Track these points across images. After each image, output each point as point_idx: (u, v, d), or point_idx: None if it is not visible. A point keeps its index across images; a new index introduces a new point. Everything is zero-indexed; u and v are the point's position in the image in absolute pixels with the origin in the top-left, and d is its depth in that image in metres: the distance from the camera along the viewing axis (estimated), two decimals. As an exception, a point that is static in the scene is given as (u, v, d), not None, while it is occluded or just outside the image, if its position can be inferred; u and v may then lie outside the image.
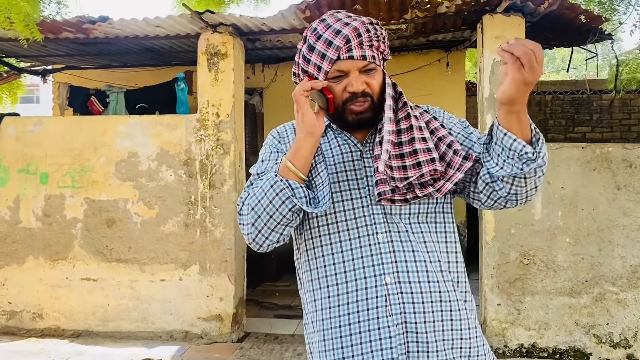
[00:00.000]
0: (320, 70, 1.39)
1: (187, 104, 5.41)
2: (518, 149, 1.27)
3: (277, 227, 1.36)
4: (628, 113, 7.78)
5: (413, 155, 1.36)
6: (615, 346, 4.30)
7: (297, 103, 1.35)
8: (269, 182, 1.35)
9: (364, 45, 1.38)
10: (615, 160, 4.31)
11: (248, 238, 1.40)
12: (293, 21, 4.70)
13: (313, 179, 1.41)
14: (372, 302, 1.36)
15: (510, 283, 4.38)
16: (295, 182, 1.33)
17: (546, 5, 4.18)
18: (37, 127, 5.11)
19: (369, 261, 1.38)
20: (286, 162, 1.35)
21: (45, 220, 5.07)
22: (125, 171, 4.95)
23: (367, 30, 1.39)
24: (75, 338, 4.90)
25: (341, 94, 1.40)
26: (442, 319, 1.37)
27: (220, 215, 4.81)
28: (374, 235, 1.39)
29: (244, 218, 1.40)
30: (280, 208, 1.33)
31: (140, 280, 4.93)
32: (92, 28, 4.79)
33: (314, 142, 1.36)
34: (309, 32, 1.44)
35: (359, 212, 1.42)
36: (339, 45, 1.37)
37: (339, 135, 1.51)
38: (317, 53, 1.39)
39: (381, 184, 1.36)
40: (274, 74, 7.29)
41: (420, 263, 1.38)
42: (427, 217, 1.44)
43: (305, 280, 1.49)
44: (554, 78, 19.76)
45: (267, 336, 4.92)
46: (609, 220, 4.30)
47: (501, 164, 1.32)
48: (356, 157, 1.46)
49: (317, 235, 1.44)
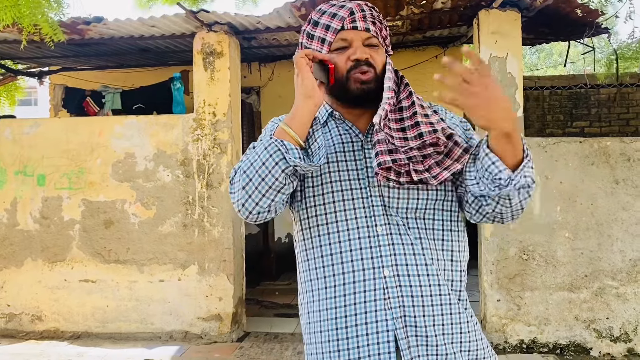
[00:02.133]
0: (324, 43, 1.41)
1: (184, 104, 5.39)
2: (493, 172, 1.27)
3: (269, 192, 1.31)
4: (626, 107, 7.76)
5: (415, 128, 1.33)
6: (616, 340, 4.29)
7: (298, 66, 1.34)
8: (263, 145, 1.32)
9: (367, 19, 1.40)
10: (613, 154, 4.30)
11: (237, 205, 1.35)
12: (288, 19, 4.69)
13: (310, 146, 1.37)
14: (370, 294, 1.34)
15: (510, 279, 4.37)
16: (290, 143, 1.29)
17: (542, 0, 4.17)
18: (33, 129, 5.09)
19: (367, 253, 1.36)
20: (283, 126, 1.32)
21: (42, 222, 5.05)
22: (122, 172, 4.94)
23: (370, 9, 1.42)
24: (74, 340, 4.89)
25: (344, 64, 1.39)
26: (442, 313, 1.35)
27: (218, 215, 4.80)
28: (373, 227, 1.37)
29: (235, 185, 1.36)
30: (273, 170, 1.28)
31: (139, 281, 4.92)
32: (86, 29, 4.77)
33: (312, 107, 1.33)
34: (312, 13, 1.46)
35: (358, 203, 1.39)
36: (343, 16, 1.39)
37: (340, 125, 1.48)
38: (321, 26, 1.42)
39: (381, 155, 1.33)
40: (270, 72, 7.27)
41: (419, 256, 1.36)
42: (425, 213, 1.41)
43: (303, 270, 1.47)
44: (552, 73, 19.74)
45: (267, 335, 4.91)
46: (607, 215, 4.29)
47: (478, 179, 1.32)
48: (357, 147, 1.44)
49: (315, 224, 1.42)
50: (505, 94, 1.24)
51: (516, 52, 4.39)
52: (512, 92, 4.36)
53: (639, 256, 4.26)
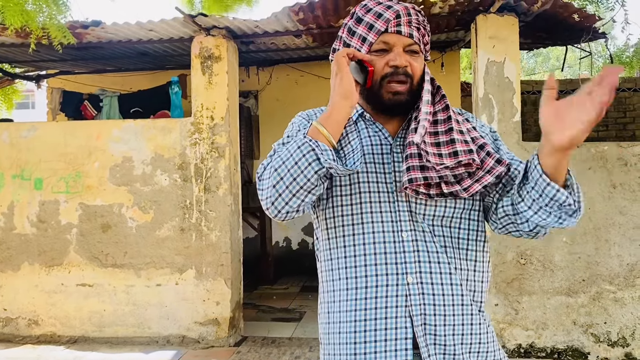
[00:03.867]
0: (365, 42, 1.38)
1: (182, 108, 5.39)
2: (561, 200, 1.20)
3: (300, 192, 1.27)
4: (623, 111, 7.78)
5: (450, 145, 1.31)
6: (613, 345, 4.29)
7: (338, 65, 1.30)
8: (296, 144, 1.27)
9: (412, 24, 1.37)
10: (610, 159, 4.30)
11: (266, 202, 1.31)
12: (286, 23, 4.69)
13: (342, 148, 1.35)
14: (392, 300, 1.33)
15: (508, 283, 4.37)
16: (325, 144, 1.26)
17: (539, 5, 4.18)
18: (31, 132, 5.08)
19: (392, 258, 1.34)
20: (317, 125, 1.29)
21: (40, 226, 5.04)
22: (119, 176, 4.93)
23: (416, 13, 1.39)
24: (71, 344, 4.87)
25: (382, 69, 1.36)
26: (463, 323, 1.34)
27: (215, 219, 4.79)
28: (399, 232, 1.36)
29: (264, 182, 1.32)
30: (306, 170, 1.24)
31: (136, 285, 4.90)
32: (85, 33, 4.77)
33: (348, 109, 1.30)
34: (357, 7, 1.42)
35: (384, 207, 1.37)
36: (389, 18, 1.35)
37: (370, 126, 1.45)
38: (365, 24, 1.38)
39: (413, 170, 1.31)
40: (268, 76, 7.28)
41: (443, 265, 1.35)
42: (452, 221, 1.39)
43: (325, 269, 1.45)
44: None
45: (264, 340, 4.90)
46: (605, 219, 4.29)
47: (535, 209, 1.27)
48: (386, 150, 1.41)
49: (341, 224, 1.40)
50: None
51: (514, 57, 4.40)
52: (509, 97, 4.37)
53: (636, 260, 4.27)
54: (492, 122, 4.37)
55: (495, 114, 4.37)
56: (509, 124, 4.36)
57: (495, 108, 4.37)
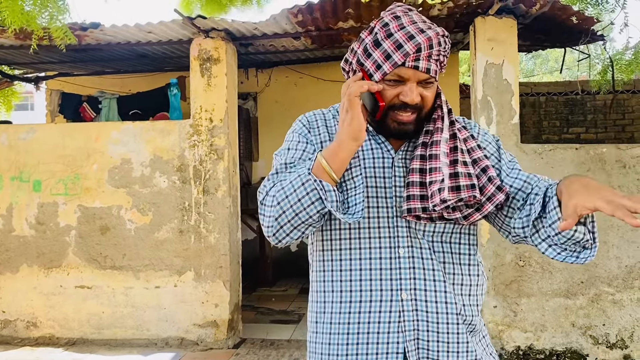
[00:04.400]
0: (379, 70, 1.31)
1: (180, 110, 5.39)
2: (579, 238, 1.19)
3: (301, 226, 1.30)
4: (622, 113, 7.80)
5: (453, 178, 1.30)
6: (612, 347, 4.29)
7: (350, 104, 1.26)
8: (300, 180, 1.27)
9: (432, 58, 1.31)
10: (609, 161, 4.31)
11: (268, 231, 1.33)
12: (285, 25, 4.70)
13: (345, 182, 1.35)
14: (385, 315, 1.34)
15: (506, 285, 4.37)
16: (329, 184, 1.26)
17: (538, 7, 4.18)
18: (29, 134, 5.08)
19: (387, 274, 1.35)
20: (322, 161, 1.28)
21: (38, 228, 5.04)
22: (118, 178, 4.93)
23: (439, 44, 1.31)
24: (70, 346, 4.87)
25: (391, 99, 1.33)
26: (458, 342, 1.34)
27: (214, 221, 4.79)
28: (396, 248, 1.36)
29: (266, 210, 1.32)
30: (308, 208, 1.26)
31: (135, 287, 4.90)
32: (83, 35, 4.77)
33: (355, 148, 1.28)
34: (378, 25, 1.35)
35: (383, 222, 1.37)
36: (409, 52, 1.28)
37: (372, 137, 1.44)
38: (382, 51, 1.31)
39: (413, 200, 1.31)
40: (267, 78, 7.28)
41: (439, 283, 1.35)
42: (451, 237, 1.40)
43: (317, 279, 1.45)
44: (548, 79, 19.82)
45: (263, 342, 4.90)
46: (603, 221, 4.29)
47: (550, 243, 1.25)
48: (387, 164, 1.41)
49: (337, 238, 1.40)
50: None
51: (512, 59, 4.40)
52: (508, 99, 4.37)
53: (634, 262, 4.27)
54: (491, 124, 4.37)
55: (494, 116, 4.38)
56: (507, 126, 4.37)
57: (494, 110, 4.38)
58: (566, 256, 1.24)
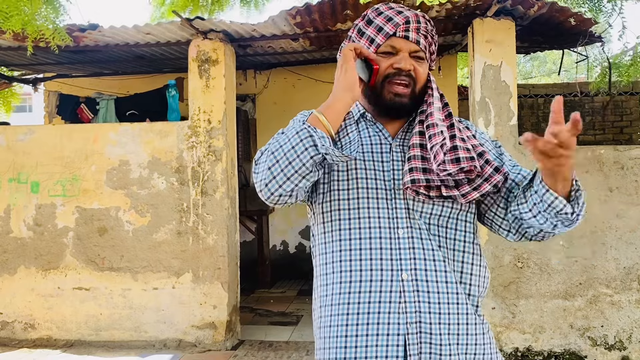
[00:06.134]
0: (373, 43, 1.41)
1: (179, 111, 5.38)
2: (558, 208, 1.26)
3: (294, 176, 1.28)
4: (620, 115, 7.81)
5: (453, 151, 1.33)
6: (610, 348, 4.29)
7: (344, 57, 1.35)
8: (294, 129, 1.29)
9: (420, 32, 1.41)
10: (607, 162, 4.31)
11: (260, 184, 1.33)
12: (284, 27, 4.70)
13: (340, 140, 1.39)
14: (386, 295, 1.33)
15: (505, 287, 4.37)
16: (323, 132, 1.28)
17: (536, 9, 4.19)
18: (27, 135, 5.08)
19: (387, 254, 1.35)
20: (317, 114, 1.32)
21: (36, 229, 5.03)
22: (116, 179, 4.92)
23: (425, 23, 1.43)
24: (67, 348, 4.86)
25: (386, 69, 1.40)
26: (458, 322, 1.35)
27: (212, 223, 4.79)
28: (395, 229, 1.36)
29: (260, 165, 1.34)
30: (302, 155, 1.26)
31: (133, 288, 4.89)
32: (82, 36, 4.76)
33: (349, 101, 1.34)
34: (369, 10, 1.47)
35: (382, 203, 1.38)
36: (398, 23, 1.40)
37: (371, 126, 1.48)
38: (374, 26, 1.42)
39: (416, 172, 1.33)
40: (266, 80, 7.28)
41: (439, 263, 1.36)
42: (448, 222, 1.40)
43: (319, 263, 1.46)
44: (546, 81, 19.83)
45: (261, 343, 4.89)
46: (602, 223, 4.29)
47: (535, 212, 1.31)
48: (385, 149, 1.43)
49: (337, 218, 1.40)
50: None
51: (510, 61, 4.41)
52: (506, 100, 4.38)
53: (632, 264, 4.27)
54: (489, 125, 4.37)
55: (492, 118, 4.38)
56: (505, 127, 4.37)
57: (492, 112, 4.38)
58: (546, 227, 1.33)
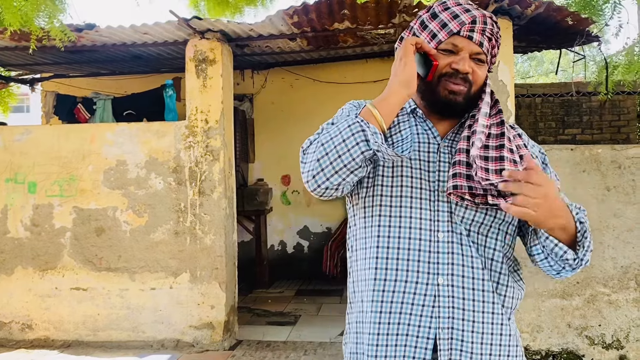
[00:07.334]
0: (434, 39, 1.36)
1: (176, 111, 5.37)
2: (559, 254, 1.25)
3: (342, 170, 1.26)
4: (617, 115, 7.81)
5: (498, 161, 1.27)
6: (608, 347, 4.30)
7: (404, 51, 1.30)
8: (347, 122, 1.27)
9: (485, 33, 1.35)
10: (604, 161, 4.32)
11: (307, 175, 1.30)
12: (281, 27, 4.69)
13: (392, 136, 1.36)
14: (420, 298, 1.32)
15: (502, 286, 4.36)
16: (375, 127, 1.25)
17: (533, 8, 4.19)
18: (24, 136, 5.07)
19: (425, 256, 1.33)
20: (371, 107, 1.28)
21: (33, 229, 5.02)
22: (113, 179, 4.92)
23: (492, 25, 1.37)
24: (65, 348, 4.85)
25: (443, 68, 1.35)
26: (492, 332, 1.33)
27: (210, 222, 4.78)
28: (435, 232, 1.34)
29: (308, 155, 1.31)
30: (353, 150, 1.23)
31: (130, 289, 4.89)
32: (79, 36, 4.75)
33: (405, 96, 1.30)
34: (435, 3, 1.40)
35: (425, 204, 1.35)
36: (464, 21, 1.33)
37: (420, 123, 1.44)
38: (439, 21, 1.36)
39: (459, 178, 1.30)
40: (263, 79, 7.27)
41: (477, 271, 1.33)
42: (489, 230, 1.37)
43: (357, 258, 1.44)
44: (543, 80, 19.87)
45: (259, 343, 4.89)
46: (599, 222, 4.30)
47: (546, 255, 1.31)
48: (433, 149, 1.40)
49: (378, 214, 1.38)
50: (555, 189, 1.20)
51: (508, 60, 4.41)
52: (503, 100, 4.38)
53: (630, 263, 4.28)
54: (487, 125, 4.37)
55: (490, 117, 4.37)
56: (503, 127, 4.37)
57: (490, 111, 4.38)
58: (552, 271, 1.35)
